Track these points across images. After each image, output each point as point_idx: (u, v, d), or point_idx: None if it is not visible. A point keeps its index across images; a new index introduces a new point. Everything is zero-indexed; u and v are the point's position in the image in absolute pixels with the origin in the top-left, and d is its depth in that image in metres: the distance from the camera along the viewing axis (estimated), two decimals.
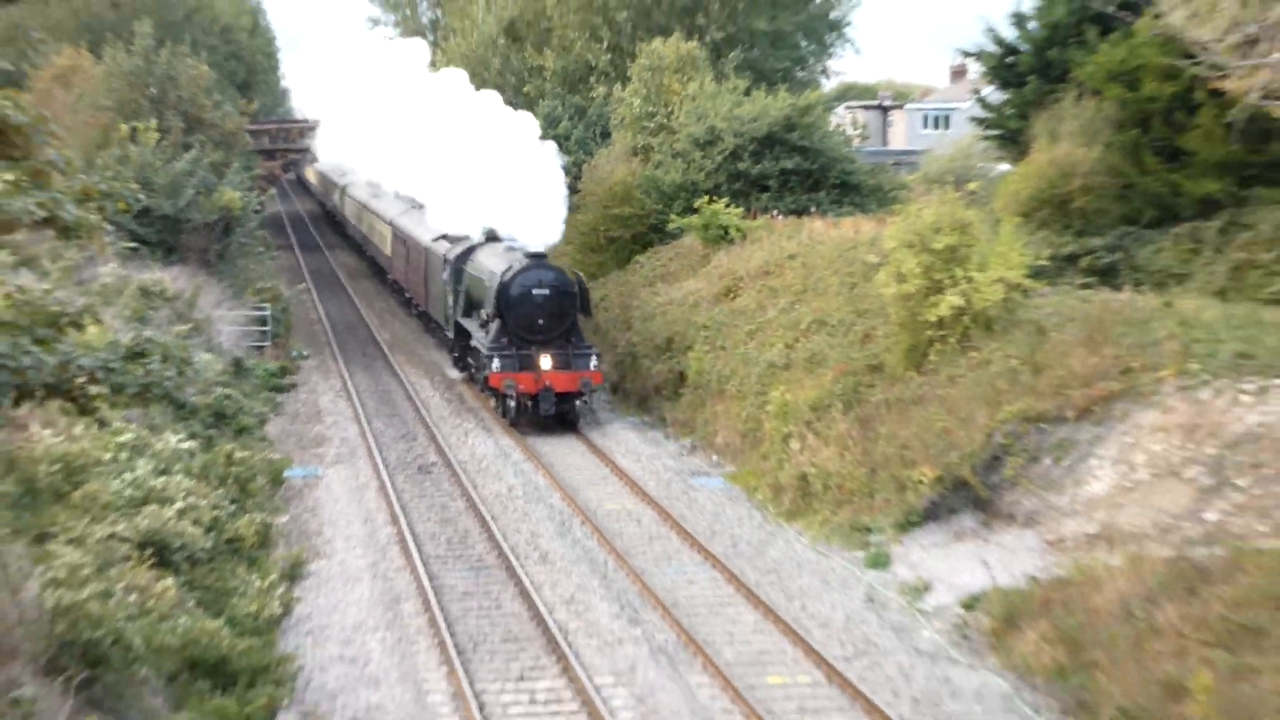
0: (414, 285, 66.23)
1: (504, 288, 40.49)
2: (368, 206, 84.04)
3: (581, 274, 45.49)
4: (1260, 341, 34.55)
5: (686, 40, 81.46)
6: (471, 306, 48.83)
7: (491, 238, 48.12)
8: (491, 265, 44.15)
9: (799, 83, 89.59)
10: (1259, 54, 45.24)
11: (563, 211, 54.11)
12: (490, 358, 39.24)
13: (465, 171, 56.05)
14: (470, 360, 48.79)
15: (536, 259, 41.41)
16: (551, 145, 56.74)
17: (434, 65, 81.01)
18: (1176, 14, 46.79)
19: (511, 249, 46.75)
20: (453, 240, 54.07)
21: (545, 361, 38.56)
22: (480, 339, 43.39)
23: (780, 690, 28.42)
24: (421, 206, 66.51)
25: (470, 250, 51.05)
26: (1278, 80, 44.80)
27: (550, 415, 40.05)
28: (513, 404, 38.73)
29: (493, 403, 41.79)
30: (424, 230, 62.40)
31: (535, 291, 39.58)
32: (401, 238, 68.77)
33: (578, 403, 40.08)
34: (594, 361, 39.93)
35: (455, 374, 53.88)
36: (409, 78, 73.17)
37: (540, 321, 39.73)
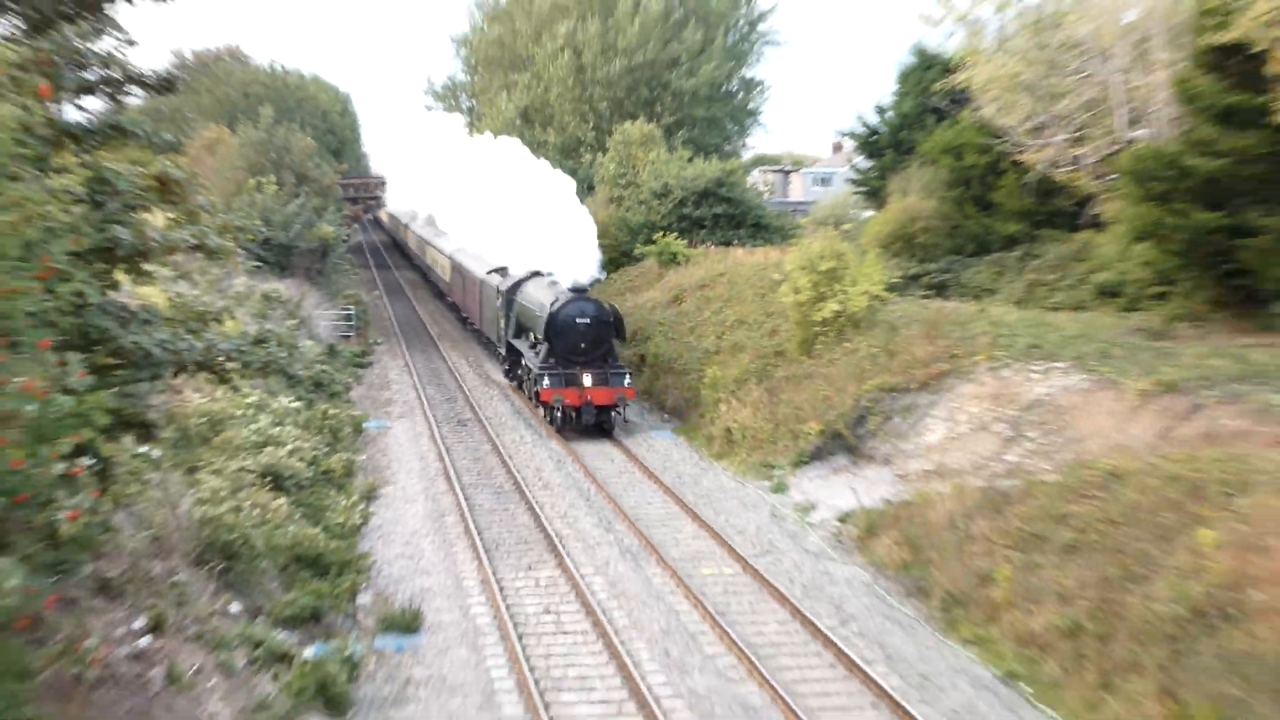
0: (469, 307, 63.50)
1: (552, 317, 38.47)
2: (428, 241, 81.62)
3: (617, 306, 42.36)
4: (1045, 337, 34.94)
5: (648, 123, 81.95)
6: (520, 330, 46.88)
7: (536, 274, 45.21)
8: (540, 298, 41.86)
9: (726, 153, 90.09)
10: (1045, 136, 45.60)
11: (596, 255, 51.45)
12: (541, 376, 37.49)
13: (513, 218, 54.12)
14: (520, 373, 46.51)
15: (579, 293, 39.42)
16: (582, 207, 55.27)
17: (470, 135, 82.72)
18: (988, 108, 47.24)
19: (554, 284, 43.67)
20: (502, 275, 51.33)
21: (587, 379, 36.96)
22: (531, 359, 41.64)
23: (710, 578, 28.45)
24: (472, 245, 64.18)
25: (518, 284, 48.19)
26: (1059, 156, 45.11)
27: (590, 425, 38.26)
28: (558, 415, 37.02)
29: (541, 412, 39.56)
30: (477, 265, 59.71)
31: (578, 320, 37.80)
32: (459, 269, 66.10)
33: (613, 414, 38.05)
34: (627, 379, 38.11)
35: (505, 380, 51.10)
36: (456, 143, 73.99)
37: (582, 345, 37.98)
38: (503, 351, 50.72)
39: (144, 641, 20.44)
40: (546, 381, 37.25)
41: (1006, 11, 47.46)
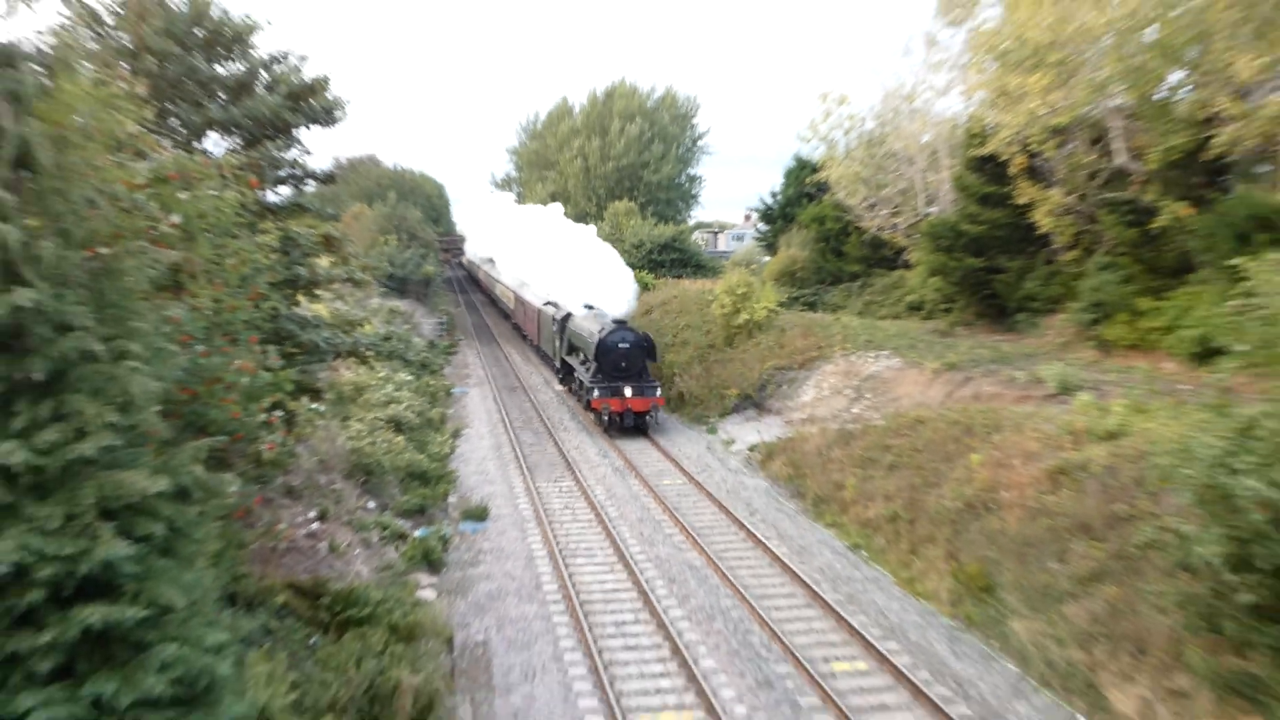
0: (529, 327, 59.07)
1: (600, 342, 35.30)
2: (494, 278, 78.77)
3: (650, 333, 39.18)
4: (875, 335, 34.95)
5: (630, 202, 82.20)
6: (571, 349, 42.74)
7: (589, 308, 41.30)
8: (590, 327, 38.26)
9: (678, 221, 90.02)
10: (875, 211, 45.67)
11: (631, 288, 46.72)
12: (592, 389, 34.93)
13: (564, 264, 49.98)
14: (574, 385, 42.46)
15: (620, 323, 36.22)
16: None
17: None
18: (839, 193, 47.24)
19: (600, 315, 39.38)
20: (556, 307, 47.11)
21: (627, 391, 34.26)
22: (582, 374, 38.21)
23: (669, 486, 28.45)
24: (528, 281, 60.98)
25: (569, 315, 43.83)
26: (883, 223, 45.21)
27: (630, 426, 35.15)
28: (606, 419, 34.59)
29: (591, 417, 36.89)
30: (535, 298, 55.47)
31: (620, 344, 34.83)
32: (521, 300, 61.84)
33: (648, 417, 35.16)
34: (658, 391, 35.12)
35: (559, 387, 46.49)
36: (510, 212, 73.59)
37: (623, 364, 34.97)
38: (557, 365, 46.40)
39: (315, 525, 20.56)
40: (596, 393, 34.75)
41: (850, 134, 47.66)
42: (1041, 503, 19.14)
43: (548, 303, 50.52)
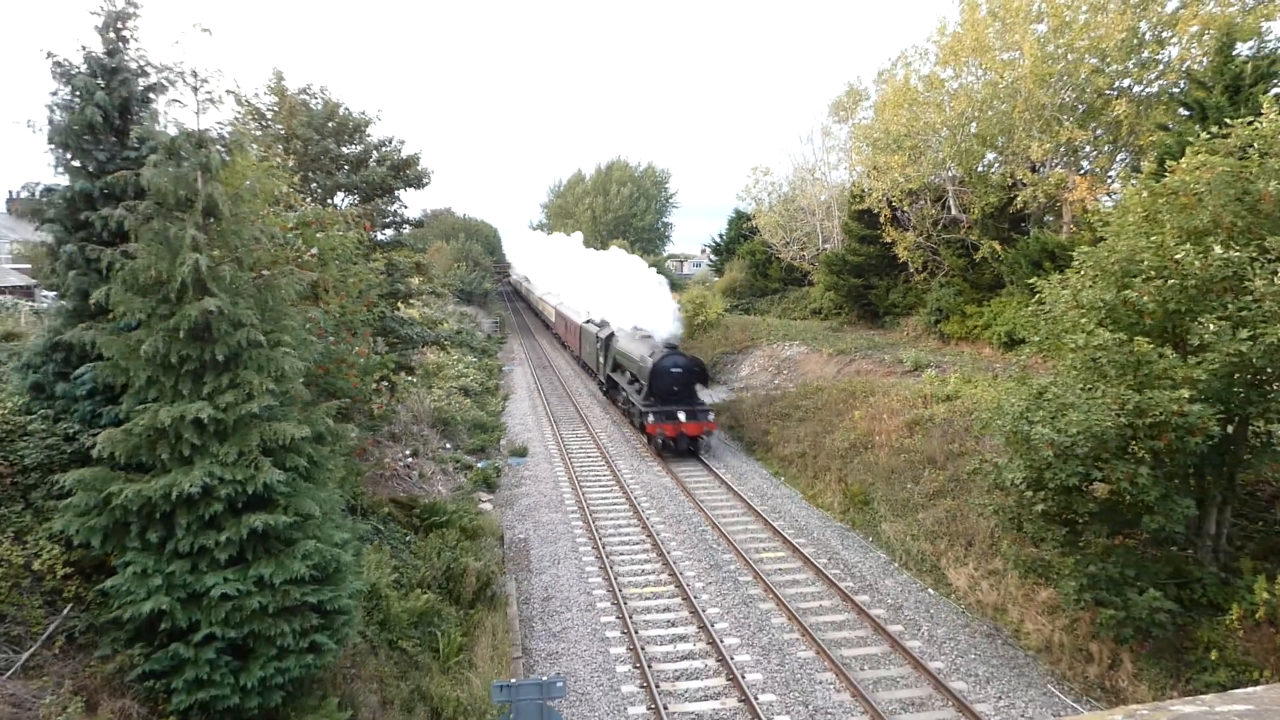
0: (570, 340, 46.63)
1: (654, 367, 26.33)
2: (538, 295, 69.01)
3: (701, 358, 29.57)
4: (789, 331, 34.53)
5: (624, 240, 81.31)
6: (616, 367, 32.09)
7: (639, 331, 30.55)
8: (640, 350, 28.68)
9: (657, 252, 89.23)
10: (790, 247, 45.26)
11: (672, 308, 32.49)
12: (646, 413, 25.54)
13: (614, 289, 35.41)
14: (621, 403, 31.39)
15: (672, 349, 27.27)
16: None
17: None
18: (766, 235, 46.67)
19: (646, 338, 29.48)
20: (600, 325, 35.91)
21: (681, 416, 25.25)
22: (633, 396, 28.31)
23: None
24: (564, 297, 50.33)
25: (612, 334, 33.37)
26: (795, 255, 44.83)
27: (685, 450, 26.00)
28: (660, 442, 25.27)
29: (644, 439, 26.41)
30: (575, 314, 43.25)
31: (673, 369, 25.97)
32: (561, 315, 49.66)
33: (700, 440, 25.98)
34: (711, 415, 26.15)
35: (603, 398, 35.08)
36: (542, 244, 71.63)
37: (675, 388, 25.89)
38: (601, 380, 35.43)
39: (409, 460, 20.38)
40: (651, 418, 25.55)
41: (772, 195, 47.34)
42: (902, 444, 19.13)
43: (589, 320, 39.81)
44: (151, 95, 9.40)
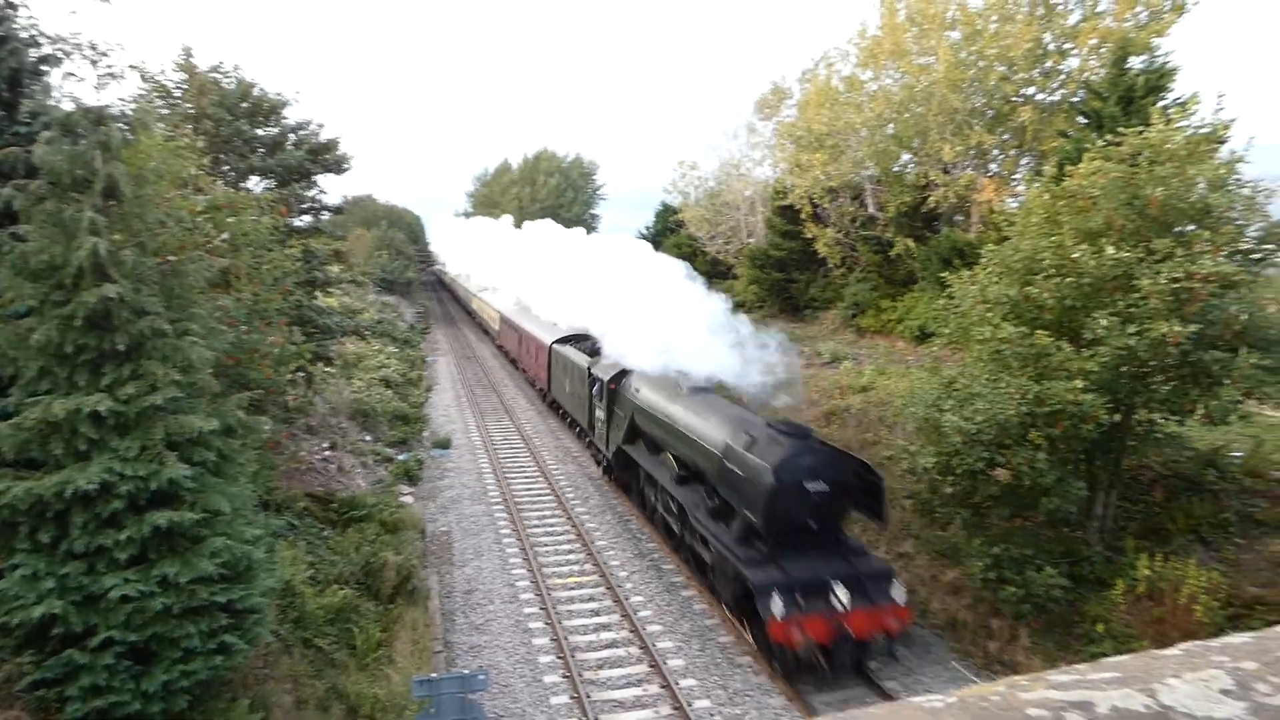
0: (526, 361, 32.87)
1: (776, 486, 10.36)
2: (473, 293, 56.96)
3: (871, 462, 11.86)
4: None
5: None
6: (635, 434, 17.71)
7: (698, 385, 15.47)
8: (717, 435, 12.49)
9: None
10: (715, 241, 45.79)
11: (722, 341, 16.54)
12: (766, 590, 9.73)
13: (631, 308, 19.56)
14: (651, 501, 16.83)
15: (802, 434, 11.32)
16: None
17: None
18: (692, 228, 47.09)
19: (744, 418, 12.78)
20: (593, 356, 22.02)
21: (841, 593, 9.94)
22: (723, 536, 11.94)
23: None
24: (532, 307, 32.82)
25: (623, 373, 18.60)
26: (720, 249, 45.38)
27: (847, 665, 10.50)
28: (790, 657, 9.85)
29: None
30: (541, 330, 29.05)
31: (808, 484, 10.51)
32: (513, 325, 35.83)
33: (878, 644, 10.35)
34: (896, 584, 10.41)
35: (598, 472, 21.45)
36: (464, 230, 68.74)
37: (810, 523, 10.67)
38: (606, 453, 20.09)
39: (327, 453, 19.78)
40: (779, 608, 9.80)
41: (698, 189, 47.73)
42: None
43: (567, 341, 25.80)
44: (44, 67, 8.81)
